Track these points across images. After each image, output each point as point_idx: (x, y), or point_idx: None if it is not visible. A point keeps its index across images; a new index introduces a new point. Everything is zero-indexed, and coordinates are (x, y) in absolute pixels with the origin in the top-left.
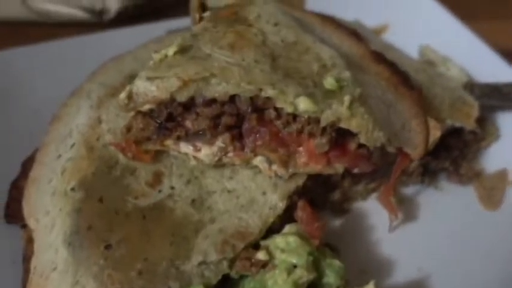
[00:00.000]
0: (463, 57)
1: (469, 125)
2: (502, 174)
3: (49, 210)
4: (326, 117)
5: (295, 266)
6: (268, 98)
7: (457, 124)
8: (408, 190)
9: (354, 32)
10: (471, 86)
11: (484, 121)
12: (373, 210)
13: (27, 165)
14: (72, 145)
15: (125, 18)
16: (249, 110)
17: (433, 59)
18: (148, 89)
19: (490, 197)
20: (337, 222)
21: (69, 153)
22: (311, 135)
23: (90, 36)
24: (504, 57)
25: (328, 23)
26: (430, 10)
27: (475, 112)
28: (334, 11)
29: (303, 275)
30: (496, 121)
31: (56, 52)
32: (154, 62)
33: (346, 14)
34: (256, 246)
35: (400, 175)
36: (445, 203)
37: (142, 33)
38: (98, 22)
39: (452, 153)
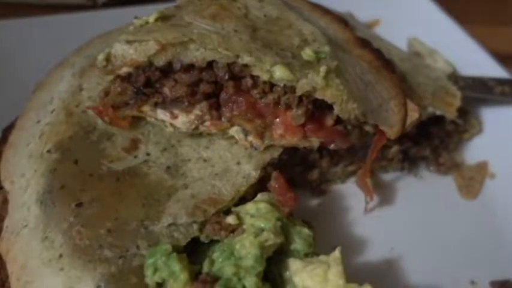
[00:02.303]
0: (452, 52)
1: (450, 114)
2: (481, 166)
3: (24, 172)
4: (302, 86)
5: (263, 230)
6: (245, 66)
7: (438, 112)
8: (388, 176)
9: (342, 19)
10: (455, 78)
11: (468, 114)
12: (350, 192)
13: (8, 131)
14: (52, 111)
15: (118, 3)
16: (226, 77)
17: (420, 50)
18: (127, 52)
19: (468, 186)
20: (314, 202)
21: (48, 118)
22: (287, 106)
23: (80, 15)
24: (497, 61)
25: (317, 9)
26: (423, 7)
27: (457, 102)
28: (326, 3)
29: (269, 238)
30: (480, 115)
31: (47, 27)
32: (134, 27)
33: (339, 7)
34: (227, 213)
35: (380, 159)
36: (423, 190)
37: (132, 15)
38: (91, 5)
39: (433, 142)
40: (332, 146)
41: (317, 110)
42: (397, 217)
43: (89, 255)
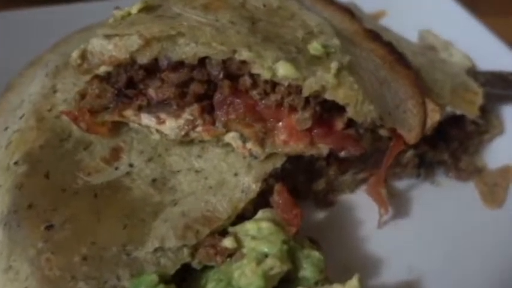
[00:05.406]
0: (466, 44)
1: (472, 113)
2: (505, 171)
3: None
4: (309, 86)
5: (266, 256)
6: (243, 62)
7: (459, 111)
8: (402, 184)
9: (347, 9)
10: (475, 73)
11: (488, 113)
12: (361, 203)
13: None
14: (22, 116)
15: None
16: (221, 75)
17: (434, 43)
18: (105, 48)
19: (492, 194)
20: (320, 215)
21: (17, 125)
22: (292, 108)
23: (58, 8)
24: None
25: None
26: None
27: (479, 99)
28: None
29: (274, 265)
30: (501, 115)
31: (19, 22)
32: (114, 19)
33: None
34: (223, 234)
35: (394, 165)
36: (441, 199)
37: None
38: None
39: (452, 145)
40: (342, 154)
41: (326, 112)
42: (414, 231)
43: None
